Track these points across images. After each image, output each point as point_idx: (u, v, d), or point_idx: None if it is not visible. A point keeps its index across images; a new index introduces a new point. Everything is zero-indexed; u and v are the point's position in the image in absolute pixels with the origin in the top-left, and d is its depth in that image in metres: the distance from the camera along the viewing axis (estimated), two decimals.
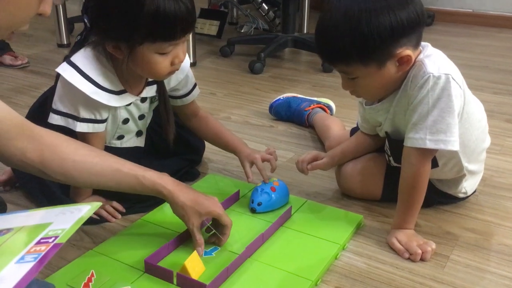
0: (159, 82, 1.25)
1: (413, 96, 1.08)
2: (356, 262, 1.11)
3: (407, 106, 1.11)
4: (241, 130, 1.77)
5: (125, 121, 1.26)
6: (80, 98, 1.12)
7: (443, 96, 1.05)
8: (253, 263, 1.07)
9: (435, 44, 1.15)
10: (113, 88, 1.16)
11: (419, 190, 1.13)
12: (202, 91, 2.28)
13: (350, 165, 1.33)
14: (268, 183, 1.28)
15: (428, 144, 1.06)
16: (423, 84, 1.06)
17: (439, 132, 1.06)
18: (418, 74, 1.07)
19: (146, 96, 1.25)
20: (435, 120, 1.05)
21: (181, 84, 1.32)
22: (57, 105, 1.15)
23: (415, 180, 1.11)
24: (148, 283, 1.01)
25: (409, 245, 1.12)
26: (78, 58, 1.13)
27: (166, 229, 1.19)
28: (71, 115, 1.14)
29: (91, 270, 1.03)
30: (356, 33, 1.02)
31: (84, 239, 1.17)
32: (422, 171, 1.11)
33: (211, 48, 2.87)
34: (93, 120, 1.16)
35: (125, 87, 1.19)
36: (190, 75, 1.33)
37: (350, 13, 1.03)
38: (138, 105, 1.26)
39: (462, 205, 1.33)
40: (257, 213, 1.25)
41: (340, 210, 1.29)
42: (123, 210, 1.27)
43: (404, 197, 1.15)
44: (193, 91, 1.36)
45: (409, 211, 1.15)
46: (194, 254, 1.03)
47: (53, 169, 0.96)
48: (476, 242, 1.18)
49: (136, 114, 1.27)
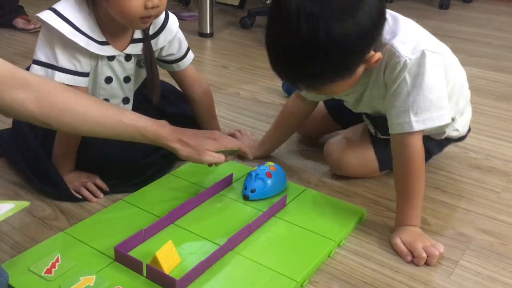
0: (145, 40, 1.19)
1: (391, 81, 1.02)
2: (351, 262, 0.99)
3: (384, 91, 1.05)
4: (247, 107, 1.66)
5: (108, 79, 1.20)
6: (57, 40, 1.08)
7: (419, 73, 0.99)
8: (235, 257, 0.97)
9: (473, 23, 1.02)
10: (94, 37, 1.11)
11: (416, 176, 1.02)
12: (213, 64, 2.22)
13: (331, 141, 1.28)
14: (264, 168, 1.16)
15: (415, 126, 1.00)
16: (400, 69, 0.99)
17: (424, 111, 1.00)
18: (391, 61, 1.00)
19: (131, 53, 1.19)
20: (416, 100, 0.99)
21: (174, 47, 1.27)
22: (37, 54, 1.10)
23: (410, 165, 1.02)
24: (115, 273, 0.92)
25: (413, 246, 1.00)
26: (59, 4, 1.10)
27: (148, 212, 1.09)
28: (50, 64, 1.09)
29: (58, 254, 0.95)
30: (330, 56, 0.88)
31: (59, 219, 1.09)
32: (415, 153, 1.02)
33: (231, 19, 2.75)
34: (73, 71, 1.11)
35: (108, 40, 1.14)
36: (182, 37, 1.28)
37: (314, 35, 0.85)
38: (123, 63, 1.19)
39: (480, 203, 1.19)
40: (250, 200, 1.14)
41: (341, 202, 1.17)
42: (107, 189, 1.18)
43: (402, 187, 1.04)
44: (188, 54, 1.31)
45: (410, 203, 1.03)
46: (169, 244, 0.93)
47: (54, 119, 0.93)
48: (491, 247, 1.05)
49: (121, 74, 1.21)
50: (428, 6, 3.25)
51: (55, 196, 1.14)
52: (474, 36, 2.60)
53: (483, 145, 1.47)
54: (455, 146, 1.45)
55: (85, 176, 1.19)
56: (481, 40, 2.53)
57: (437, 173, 1.32)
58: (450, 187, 1.26)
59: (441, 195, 1.23)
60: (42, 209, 1.12)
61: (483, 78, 2.01)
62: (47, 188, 1.15)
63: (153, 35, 1.21)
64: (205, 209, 1.11)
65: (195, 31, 2.50)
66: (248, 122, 1.56)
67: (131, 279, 0.90)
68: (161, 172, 1.24)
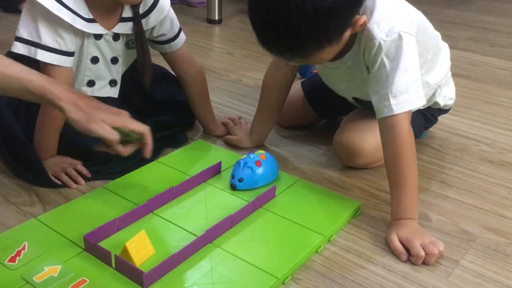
0: (135, 19, 1.13)
1: (370, 63, 1.01)
2: (341, 259, 0.91)
3: (366, 75, 1.04)
4: (248, 94, 1.58)
5: (94, 60, 1.14)
6: (40, 15, 1.03)
7: (396, 56, 0.97)
8: (214, 250, 0.90)
9: (497, 13, 0.94)
10: (81, 13, 1.06)
11: (407, 160, 0.97)
12: (219, 50, 2.15)
13: (343, 131, 1.18)
14: (253, 156, 1.09)
15: (394, 109, 0.97)
16: (376, 51, 0.98)
17: (402, 93, 0.97)
18: (368, 43, 0.99)
19: (119, 33, 1.14)
20: (394, 82, 0.97)
21: (165, 27, 1.21)
22: (19, 31, 1.06)
23: (398, 146, 0.97)
24: (83, 264, 0.85)
25: (411, 244, 0.92)
26: None
27: (128, 201, 1.03)
28: (32, 42, 1.04)
29: (25, 242, 0.89)
30: (318, 24, 0.86)
31: (34, 205, 1.03)
32: (402, 132, 0.97)
33: (242, 6, 2.66)
34: (57, 50, 1.05)
35: (96, 17, 1.09)
36: (174, 17, 1.22)
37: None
38: (110, 42, 1.14)
39: (489, 199, 1.10)
40: (237, 190, 1.07)
41: (335, 194, 1.08)
42: (88, 175, 1.12)
43: (393, 173, 0.98)
44: (180, 34, 1.25)
45: (404, 190, 0.96)
46: (141, 234, 0.87)
47: None
48: (496, 246, 0.96)
49: (108, 55, 1.15)
50: None
51: (33, 181, 1.09)
52: (497, 25, 2.47)
53: (497, 137, 1.37)
54: (466, 138, 1.36)
55: (67, 161, 1.13)
56: (504, 30, 2.40)
57: (443, 166, 1.23)
58: (457, 181, 1.16)
59: (447, 189, 1.13)
60: (18, 194, 1.06)
61: (504, 69, 1.90)
62: (26, 173, 1.10)
63: (143, 14, 1.15)
64: (189, 198, 1.05)
65: (204, 17, 2.43)
66: (247, 110, 1.49)
67: (99, 271, 0.84)
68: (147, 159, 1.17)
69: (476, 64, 1.94)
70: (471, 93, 1.67)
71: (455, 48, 2.07)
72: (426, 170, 1.20)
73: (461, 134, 1.38)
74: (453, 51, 1.33)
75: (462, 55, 2.01)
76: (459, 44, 2.15)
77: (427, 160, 1.25)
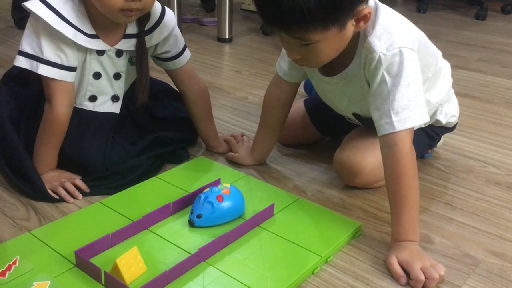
0: (139, 36, 1.14)
1: (370, 77, 0.99)
2: (337, 280, 0.89)
3: (366, 89, 1.03)
4: (254, 112, 1.57)
5: (97, 75, 1.14)
6: (43, 30, 1.04)
7: (398, 72, 0.96)
8: (207, 269, 0.88)
9: (510, 35, 0.91)
10: (83, 29, 1.06)
11: (408, 179, 0.94)
12: (227, 68, 2.15)
13: (344, 149, 1.16)
14: (216, 191, 1.02)
15: (396, 126, 0.95)
16: (375, 65, 0.97)
17: (404, 109, 0.96)
18: (368, 56, 0.98)
19: (122, 49, 1.14)
20: (396, 99, 0.96)
21: (169, 44, 1.21)
22: (22, 45, 1.07)
23: (400, 166, 0.94)
24: (72, 280, 0.84)
25: (411, 267, 0.89)
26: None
27: (124, 216, 1.02)
28: (35, 56, 1.05)
29: (17, 256, 0.88)
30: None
31: (30, 219, 1.03)
32: (404, 151, 0.95)
33: (253, 25, 2.68)
34: (58, 65, 1.06)
35: (99, 34, 1.09)
36: (178, 34, 1.22)
37: None
38: (113, 58, 1.14)
39: (495, 222, 1.07)
40: (196, 227, 0.99)
41: (335, 214, 1.06)
42: (87, 189, 1.12)
43: (393, 194, 0.95)
44: (185, 52, 1.24)
45: (405, 213, 0.93)
46: (133, 251, 0.85)
47: None
48: (500, 272, 0.92)
49: (111, 70, 1.15)
50: (464, 16, 3.09)
51: (31, 195, 1.08)
52: (510, 47, 2.45)
53: (505, 159, 1.34)
54: (473, 159, 1.33)
55: (66, 175, 1.13)
56: None
57: (448, 187, 1.20)
58: (462, 204, 1.13)
59: (451, 211, 1.10)
60: (16, 208, 1.06)
61: None
62: (24, 187, 1.09)
63: (147, 31, 1.15)
64: (185, 215, 1.03)
65: (215, 36, 2.44)
66: (253, 128, 1.47)
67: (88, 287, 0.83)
68: (147, 175, 1.17)
69: (486, 85, 1.91)
70: (480, 114, 1.64)
71: (466, 69, 2.05)
72: (431, 191, 1.18)
73: (468, 155, 1.35)
74: (464, 72, 1.32)
75: (472, 76, 1.99)
76: (470, 65, 2.12)
77: (432, 180, 1.22)
